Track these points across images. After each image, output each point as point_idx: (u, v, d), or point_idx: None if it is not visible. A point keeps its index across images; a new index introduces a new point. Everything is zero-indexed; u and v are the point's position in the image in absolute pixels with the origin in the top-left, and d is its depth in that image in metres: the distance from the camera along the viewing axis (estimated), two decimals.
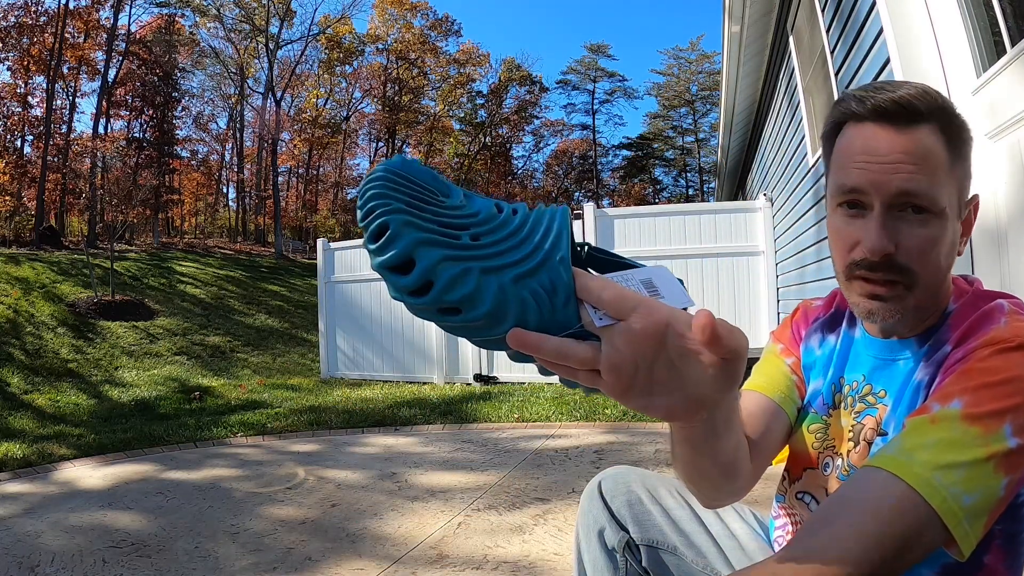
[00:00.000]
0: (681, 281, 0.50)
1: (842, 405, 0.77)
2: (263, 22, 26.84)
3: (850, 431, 0.75)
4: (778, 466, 0.86)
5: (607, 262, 0.51)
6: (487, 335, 0.46)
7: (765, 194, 5.63)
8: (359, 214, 0.46)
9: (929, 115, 0.65)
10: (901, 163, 0.64)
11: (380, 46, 31.75)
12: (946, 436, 0.56)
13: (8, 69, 20.28)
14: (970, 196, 0.71)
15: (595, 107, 38.22)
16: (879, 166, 0.65)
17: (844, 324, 0.81)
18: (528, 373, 6.14)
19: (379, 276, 0.46)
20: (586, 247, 0.50)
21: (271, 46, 26.84)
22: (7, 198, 18.46)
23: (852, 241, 0.68)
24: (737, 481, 0.71)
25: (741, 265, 5.63)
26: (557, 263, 0.46)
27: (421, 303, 0.44)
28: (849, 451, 0.74)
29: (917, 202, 0.64)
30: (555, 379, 0.50)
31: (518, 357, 0.46)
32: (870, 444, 0.72)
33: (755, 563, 0.58)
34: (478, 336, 0.46)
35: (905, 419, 0.62)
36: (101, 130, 22.15)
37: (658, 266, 0.51)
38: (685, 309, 0.46)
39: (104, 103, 22.23)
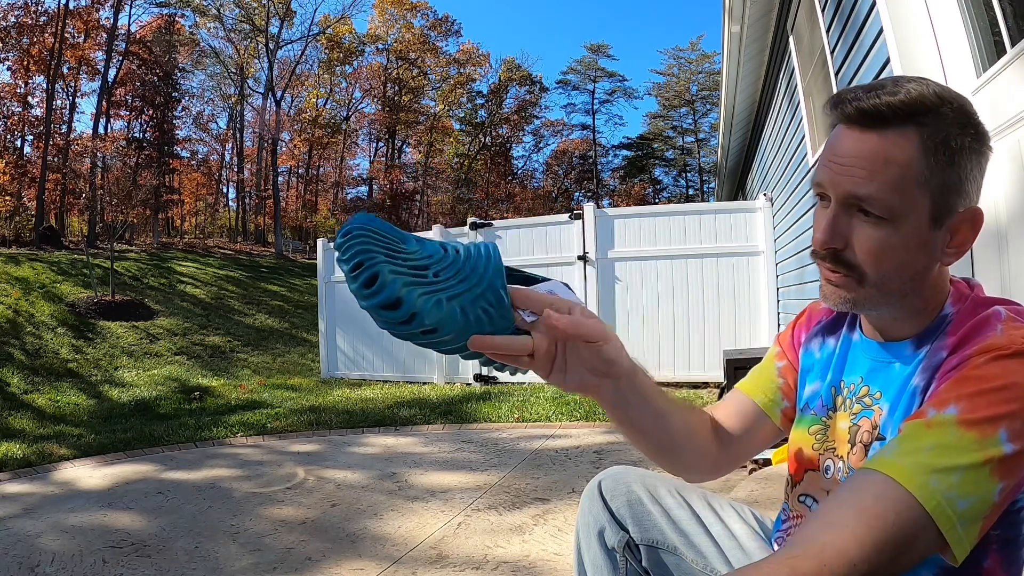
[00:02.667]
0: (570, 288, 0.72)
1: (841, 407, 0.78)
2: (263, 22, 26.85)
3: (848, 433, 0.75)
4: (779, 467, 0.87)
5: (519, 276, 0.72)
6: (453, 345, 0.64)
7: (765, 194, 5.63)
8: (345, 266, 0.61)
9: (905, 120, 0.64)
10: (853, 167, 0.66)
11: (380, 46, 31.75)
12: (942, 441, 0.57)
13: (8, 69, 20.26)
14: (965, 207, 0.67)
15: (595, 107, 38.23)
16: (836, 167, 0.67)
17: (844, 327, 0.82)
18: (528, 374, 6.12)
19: None
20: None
21: (271, 46, 26.85)
22: (7, 198, 18.45)
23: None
24: (682, 457, 0.84)
25: (741, 265, 5.63)
26: (499, 286, 0.65)
27: (408, 329, 0.61)
28: (848, 453, 0.74)
29: (865, 206, 0.65)
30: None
31: (469, 356, 0.66)
32: (867, 447, 0.72)
33: (753, 563, 0.58)
34: (446, 347, 0.64)
35: (901, 423, 0.62)
36: (101, 130, 22.15)
37: (558, 281, 0.72)
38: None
39: (104, 103, 22.23)
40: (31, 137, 20.89)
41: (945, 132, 0.64)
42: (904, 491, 0.55)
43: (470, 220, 6.53)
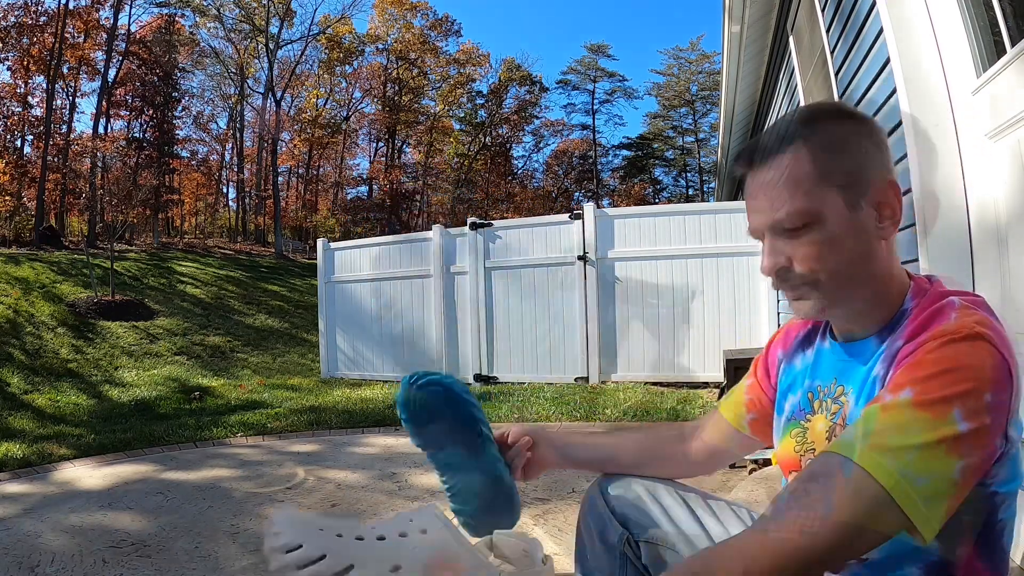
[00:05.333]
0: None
1: (819, 410, 0.81)
2: (263, 22, 26.83)
3: (826, 431, 0.78)
4: (777, 468, 0.90)
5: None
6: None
7: None
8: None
9: (787, 142, 0.72)
10: (761, 200, 0.74)
11: (380, 46, 31.72)
12: (896, 421, 0.59)
13: (8, 69, 20.25)
14: (876, 180, 0.72)
15: (595, 107, 38.20)
16: (751, 208, 0.77)
17: (817, 338, 0.87)
18: (528, 373, 6.15)
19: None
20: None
21: (271, 46, 26.84)
22: (7, 198, 18.44)
23: None
24: (650, 469, 0.98)
25: (741, 265, 5.63)
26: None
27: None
28: (823, 449, 0.76)
29: (785, 226, 0.72)
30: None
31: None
32: (836, 436, 0.75)
33: (725, 540, 0.61)
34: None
35: (861, 410, 0.65)
36: (101, 130, 22.14)
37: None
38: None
39: (104, 103, 22.21)
40: (31, 137, 20.87)
41: (824, 130, 0.72)
42: (861, 470, 0.57)
43: (470, 220, 6.53)
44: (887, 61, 2.03)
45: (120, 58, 22.85)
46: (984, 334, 0.62)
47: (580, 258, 6.01)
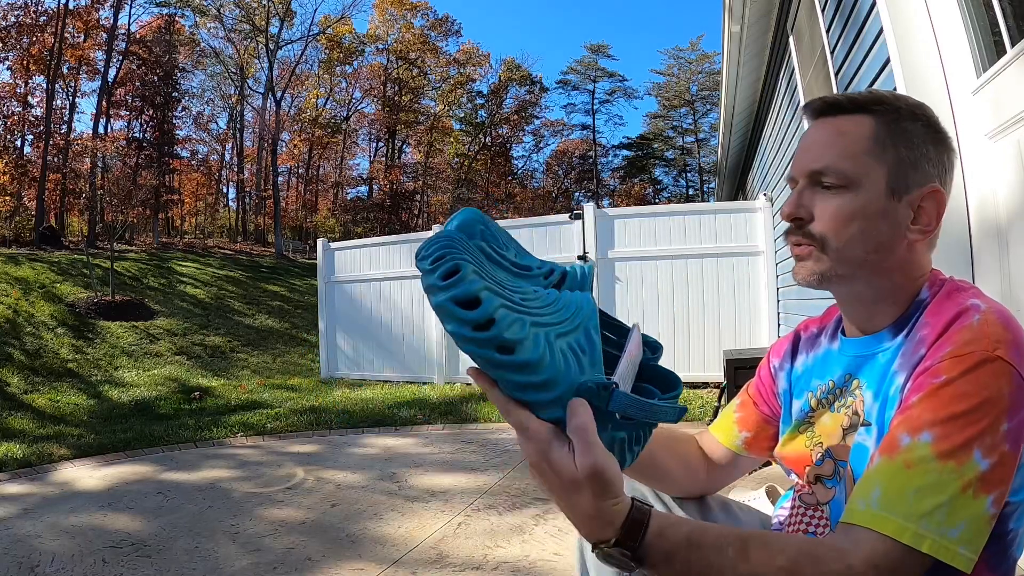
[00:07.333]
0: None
1: (824, 405, 0.82)
2: (263, 22, 26.83)
3: (832, 424, 0.79)
4: (777, 468, 0.90)
5: (606, 323, 0.71)
6: (524, 379, 0.54)
7: (765, 194, 5.63)
8: (430, 252, 0.56)
9: (858, 107, 0.73)
10: (812, 147, 0.75)
11: (380, 46, 31.73)
12: (924, 482, 0.59)
13: (8, 69, 20.25)
14: (926, 185, 0.72)
15: (595, 107, 38.23)
16: (800, 153, 0.76)
17: (826, 339, 0.87)
18: None
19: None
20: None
21: (271, 46, 26.84)
22: (7, 198, 18.43)
23: None
24: (673, 483, 0.91)
25: (741, 265, 5.63)
26: (591, 329, 0.61)
27: (484, 336, 0.53)
28: (830, 439, 0.79)
29: (823, 178, 0.72)
30: None
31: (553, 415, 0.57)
32: (846, 430, 0.76)
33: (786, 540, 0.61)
34: (514, 378, 0.55)
35: (878, 454, 0.64)
36: (101, 130, 22.13)
37: (635, 327, 0.70)
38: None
39: (104, 103, 22.21)
40: (31, 137, 20.87)
41: (897, 116, 0.72)
42: (899, 544, 0.57)
43: None
44: (887, 61, 2.02)
45: (120, 58, 22.85)
46: (1002, 356, 0.61)
47: (580, 258, 6.00)
